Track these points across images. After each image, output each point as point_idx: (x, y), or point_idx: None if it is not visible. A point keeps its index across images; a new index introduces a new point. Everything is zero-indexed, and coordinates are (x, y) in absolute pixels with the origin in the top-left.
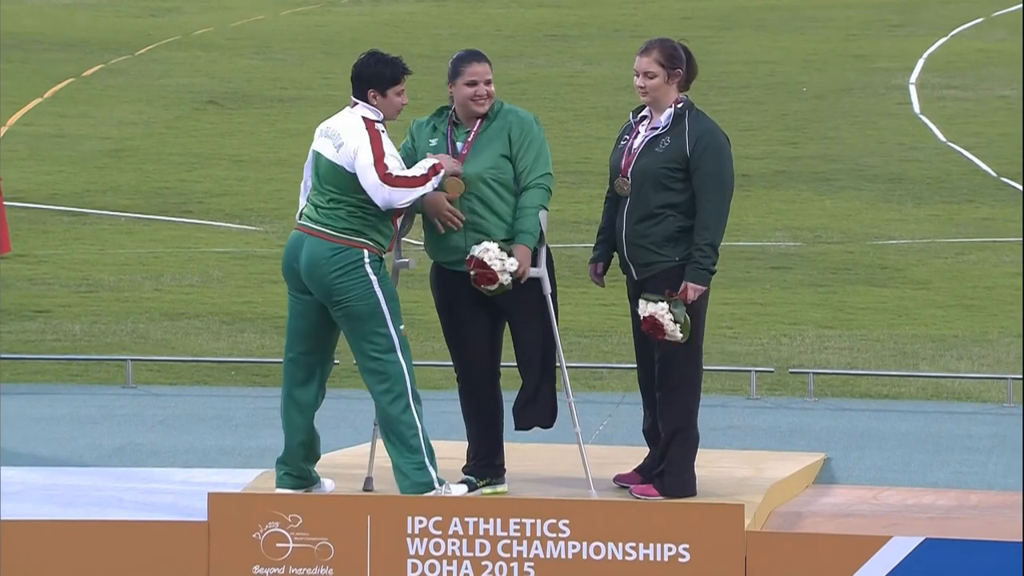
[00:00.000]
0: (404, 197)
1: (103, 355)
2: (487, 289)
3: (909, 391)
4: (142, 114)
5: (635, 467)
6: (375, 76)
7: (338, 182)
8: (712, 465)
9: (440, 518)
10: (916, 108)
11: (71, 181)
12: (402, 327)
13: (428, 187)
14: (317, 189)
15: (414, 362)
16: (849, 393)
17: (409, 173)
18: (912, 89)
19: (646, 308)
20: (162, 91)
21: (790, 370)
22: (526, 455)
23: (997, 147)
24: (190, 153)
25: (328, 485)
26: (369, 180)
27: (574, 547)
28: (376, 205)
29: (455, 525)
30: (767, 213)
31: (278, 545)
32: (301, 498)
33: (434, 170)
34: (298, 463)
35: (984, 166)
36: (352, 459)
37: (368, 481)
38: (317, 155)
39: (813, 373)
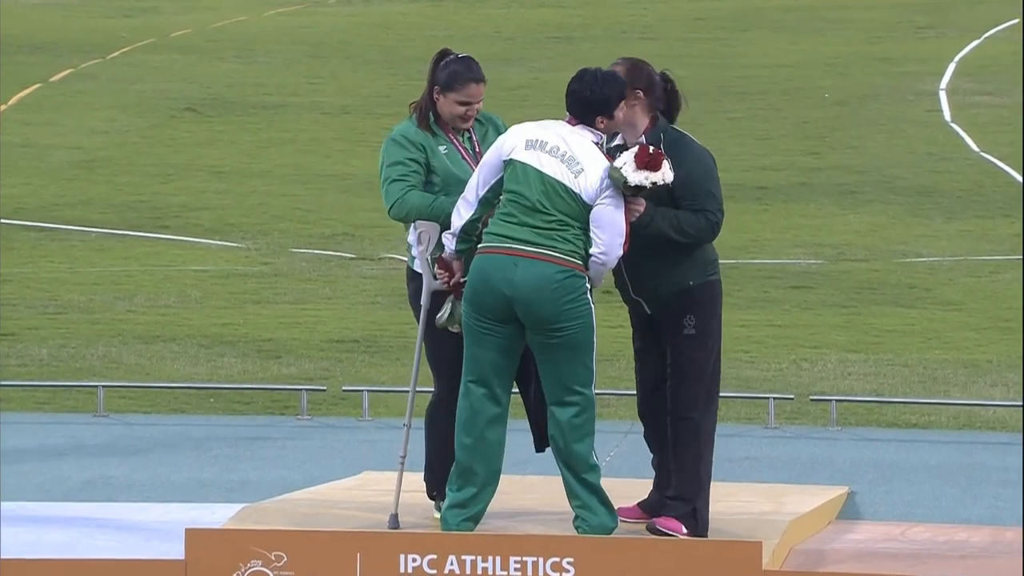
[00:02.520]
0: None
1: (72, 381)
2: None
3: (940, 420)
4: (115, 122)
5: (638, 501)
6: (603, 100)
7: (570, 210)
8: (728, 499)
9: (435, 556)
10: (947, 115)
11: (38, 194)
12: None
13: None
14: (528, 207)
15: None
16: (875, 422)
17: None
18: (942, 95)
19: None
20: (136, 97)
21: (811, 397)
22: (528, 488)
23: None
24: (166, 164)
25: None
26: (619, 223)
27: None
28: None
29: (451, 563)
30: (786, 228)
31: None
32: (286, 534)
33: None
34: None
35: (1020, 177)
36: (345, 493)
37: (393, 518)
38: (526, 169)
39: (836, 400)
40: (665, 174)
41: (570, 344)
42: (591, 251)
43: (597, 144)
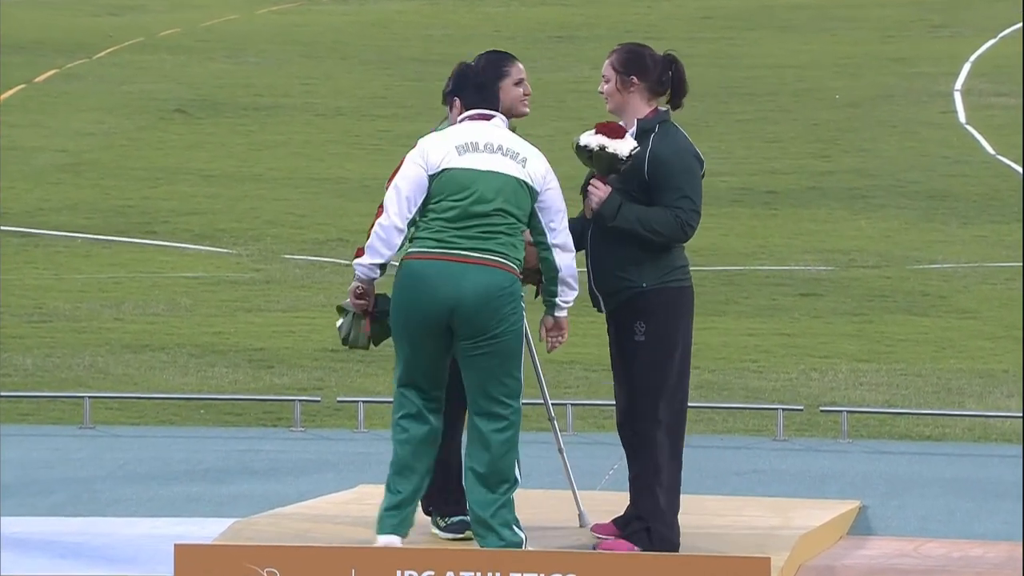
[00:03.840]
0: (576, 270)
1: (57, 392)
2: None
3: (954, 432)
4: (101, 124)
5: (614, 517)
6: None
7: (522, 203)
8: (735, 514)
9: (432, 572)
10: (962, 117)
11: (22, 198)
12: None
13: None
14: (468, 213)
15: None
16: (887, 434)
17: None
18: (957, 96)
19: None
20: (124, 99)
21: (821, 408)
22: (529, 501)
23: None
24: (155, 167)
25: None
26: (566, 221)
27: None
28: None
29: None
30: (796, 234)
31: None
32: (278, 550)
33: None
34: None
35: None
36: (339, 507)
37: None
38: (470, 173)
39: (847, 412)
40: (619, 145)
41: (500, 353)
42: (548, 242)
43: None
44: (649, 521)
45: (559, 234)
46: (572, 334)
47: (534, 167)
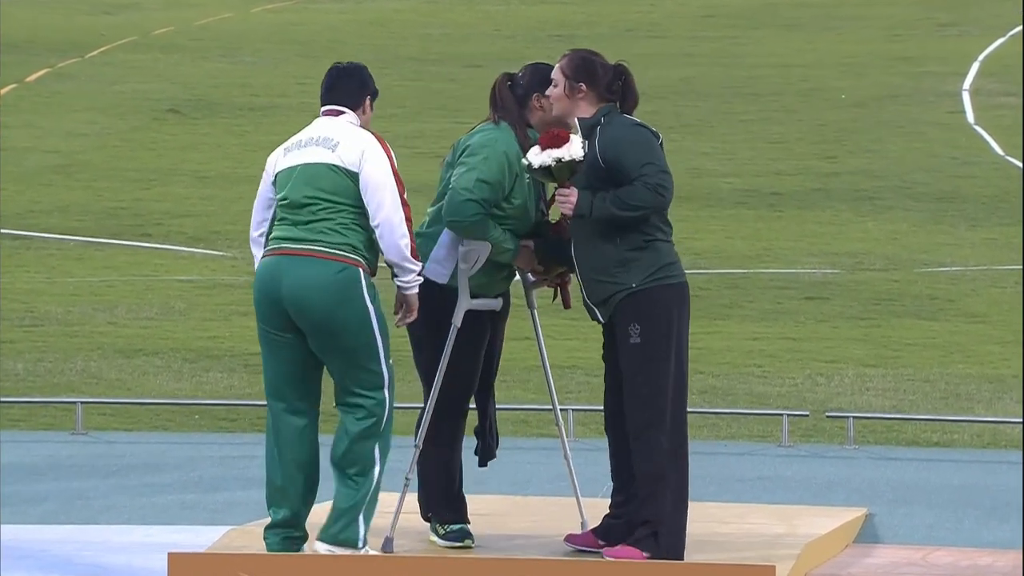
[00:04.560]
0: (405, 231)
1: (49, 397)
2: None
3: (962, 438)
4: (94, 124)
5: (592, 527)
6: (373, 84)
7: (333, 186)
8: (739, 521)
9: None
10: (970, 117)
11: (13, 200)
12: (391, 361)
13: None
14: (295, 204)
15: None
16: (894, 440)
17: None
18: (965, 96)
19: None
20: (117, 98)
21: (827, 414)
22: (527, 509)
23: None
24: (148, 168)
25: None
26: (386, 179)
27: None
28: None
29: None
30: (801, 236)
31: None
32: (274, 558)
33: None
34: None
35: None
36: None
37: (388, 542)
38: (291, 170)
39: (853, 417)
40: (571, 149)
41: (346, 346)
42: (371, 223)
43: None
44: (656, 526)
45: (379, 212)
46: (572, 338)
47: (345, 149)
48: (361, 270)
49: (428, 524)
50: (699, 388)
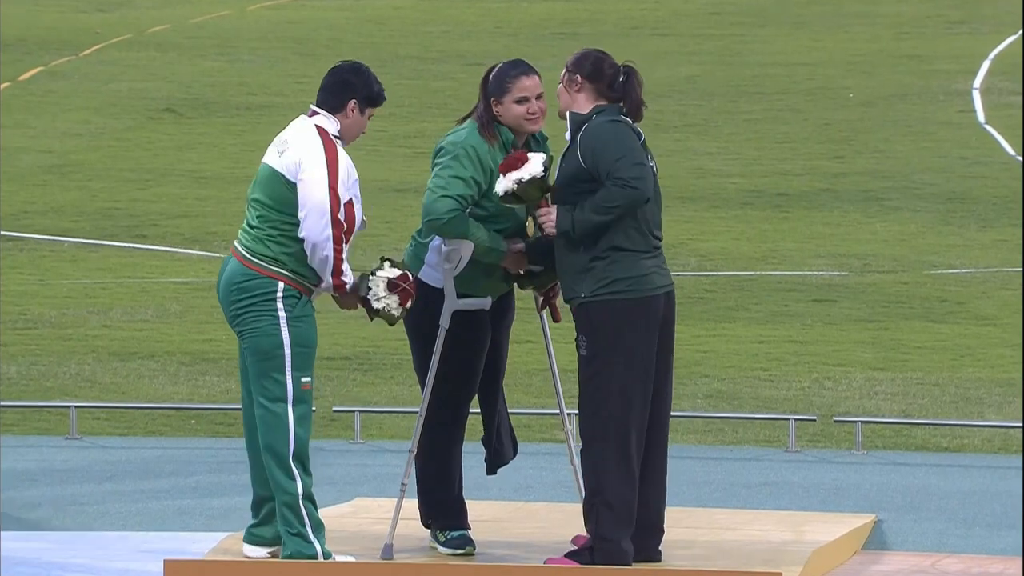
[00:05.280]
0: (329, 251)
1: (43, 401)
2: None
3: (973, 443)
4: (88, 124)
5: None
6: (365, 87)
7: (272, 193)
8: (746, 527)
9: None
10: (980, 117)
11: (7, 201)
12: (306, 379)
13: (342, 278)
14: (247, 203)
15: None
16: (903, 445)
17: (344, 249)
18: (975, 95)
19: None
20: (111, 97)
21: (835, 419)
22: (530, 515)
23: None
24: (144, 169)
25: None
26: (317, 196)
27: None
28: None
29: None
30: (808, 238)
31: None
32: (271, 566)
33: (342, 279)
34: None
35: None
36: (335, 521)
37: (387, 548)
38: (261, 167)
39: (861, 422)
40: (529, 167)
41: (253, 353)
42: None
43: (333, 135)
44: (591, 541)
45: (303, 229)
46: (569, 343)
47: (289, 156)
48: (281, 283)
49: (428, 531)
50: (704, 392)
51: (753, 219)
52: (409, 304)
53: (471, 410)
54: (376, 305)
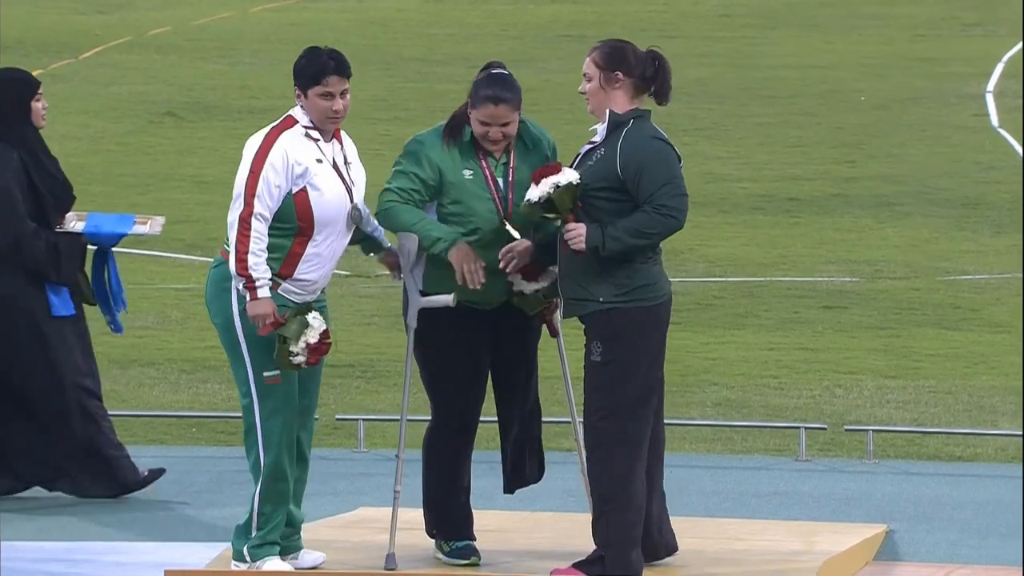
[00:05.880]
0: (234, 234)
1: None
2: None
3: (986, 452)
4: (88, 128)
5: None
6: (299, 72)
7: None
8: (755, 537)
9: None
10: (994, 120)
11: None
12: (268, 374)
13: (248, 270)
14: None
15: None
16: (915, 454)
17: (256, 235)
18: (990, 98)
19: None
20: (111, 101)
21: (846, 427)
22: (537, 525)
23: None
24: (144, 173)
25: (314, 559)
26: (238, 178)
27: None
28: (276, 219)
29: None
30: (819, 243)
31: None
32: None
33: (253, 283)
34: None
35: None
36: (339, 531)
37: (390, 558)
38: None
39: (873, 431)
40: (568, 174)
41: (224, 343)
42: None
43: (286, 126)
44: (603, 549)
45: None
46: (577, 350)
47: (244, 152)
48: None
49: (433, 540)
50: (713, 400)
51: (763, 224)
52: (317, 360)
53: (487, 419)
54: (292, 351)
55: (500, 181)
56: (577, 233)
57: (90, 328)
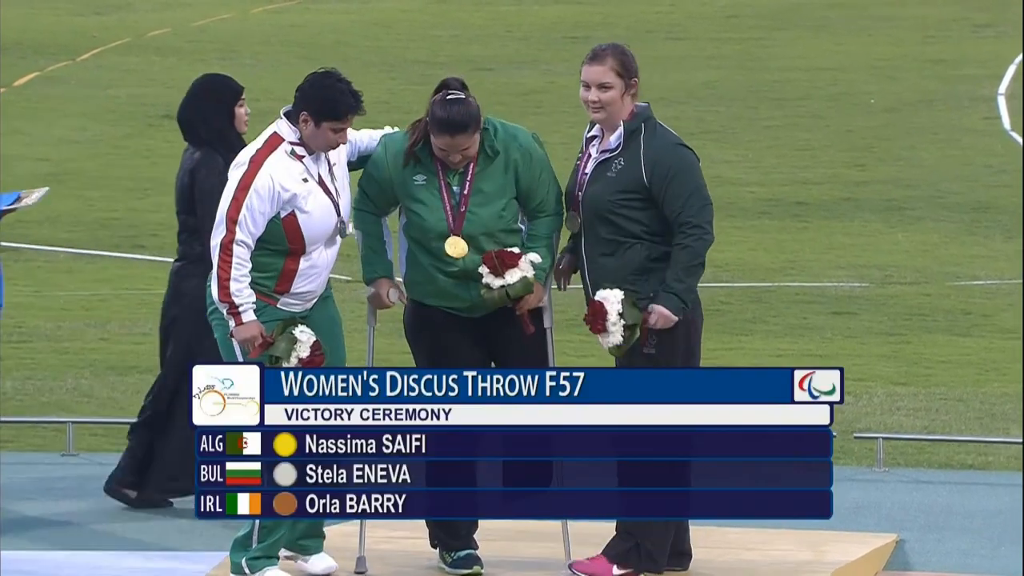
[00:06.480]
0: (216, 259)
1: (39, 416)
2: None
3: (998, 460)
4: (85, 131)
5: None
6: (317, 101)
7: None
8: (764, 547)
9: None
10: (1006, 123)
11: None
12: None
13: (232, 297)
14: None
15: None
16: (926, 463)
17: (238, 262)
18: (1001, 101)
19: (601, 292)
20: (109, 103)
21: (855, 435)
22: (537, 533)
23: None
24: (143, 177)
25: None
26: (223, 202)
27: None
28: (267, 241)
29: None
30: (828, 248)
31: None
32: None
33: (237, 309)
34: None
35: None
36: (343, 539)
37: (360, 561)
38: None
39: (883, 438)
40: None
41: (222, 357)
42: None
43: (274, 144)
44: (639, 538)
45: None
46: (588, 355)
47: (229, 174)
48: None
49: (436, 551)
50: None
51: (771, 229)
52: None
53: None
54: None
55: (455, 189)
56: (662, 321)
57: (86, 335)
